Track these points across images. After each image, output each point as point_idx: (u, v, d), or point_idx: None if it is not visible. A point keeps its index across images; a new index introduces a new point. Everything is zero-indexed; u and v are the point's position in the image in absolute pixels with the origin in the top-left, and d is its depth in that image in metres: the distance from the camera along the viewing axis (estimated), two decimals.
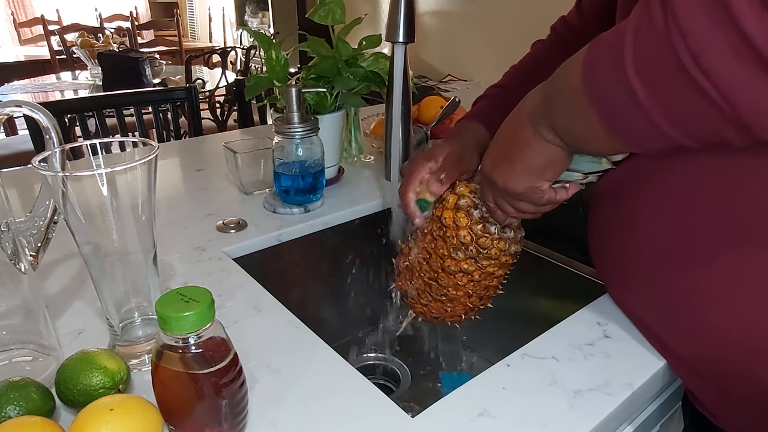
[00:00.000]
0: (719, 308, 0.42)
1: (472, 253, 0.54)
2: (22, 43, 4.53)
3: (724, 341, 0.43)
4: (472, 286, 0.57)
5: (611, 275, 0.55)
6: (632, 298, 0.52)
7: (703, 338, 0.44)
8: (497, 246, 0.54)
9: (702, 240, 0.43)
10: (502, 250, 0.55)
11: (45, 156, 0.43)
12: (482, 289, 0.58)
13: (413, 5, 0.62)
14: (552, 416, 0.43)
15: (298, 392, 0.45)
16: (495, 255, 0.54)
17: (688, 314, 0.45)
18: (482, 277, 0.56)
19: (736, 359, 0.43)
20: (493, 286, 0.59)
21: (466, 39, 2.62)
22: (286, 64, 0.83)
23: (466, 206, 0.55)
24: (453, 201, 0.56)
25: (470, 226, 0.54)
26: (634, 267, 0.50)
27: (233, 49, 3.19)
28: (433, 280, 0.59)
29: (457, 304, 0.59)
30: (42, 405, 0.39)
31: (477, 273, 0.56)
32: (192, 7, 5.41)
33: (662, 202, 0.45)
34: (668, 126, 0.32)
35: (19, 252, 0.44)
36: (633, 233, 0.49)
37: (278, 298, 0.58)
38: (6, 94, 2.41)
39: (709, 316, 0.43)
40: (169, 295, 0.36)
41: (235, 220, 0.75)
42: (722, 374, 0.45)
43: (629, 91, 0.32)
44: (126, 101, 1.44)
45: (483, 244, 0.54)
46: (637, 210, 0.48)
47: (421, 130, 0.97)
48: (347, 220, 0.81)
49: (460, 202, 0.55)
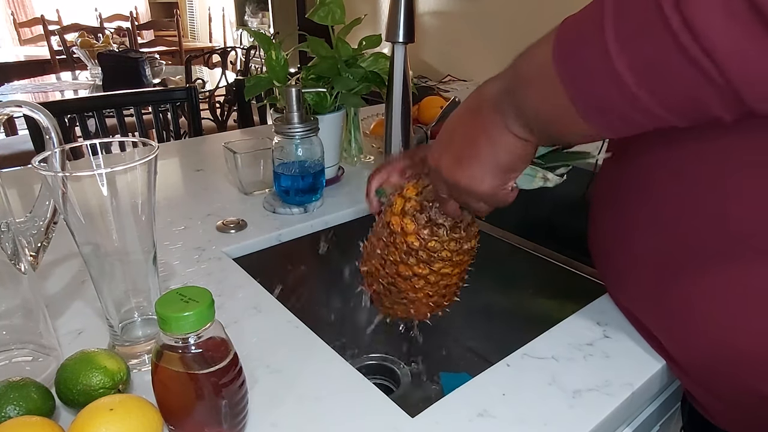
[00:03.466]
0: (715, 315, 0.42)
1: (423, 258, 0.53)
2: (22, 43, 4.53)
3: (720, 348, 0.43)
4: (429, 288, 0.56)
5: (611, 277, 0.55)
6: (631, 300, 0.52)
7: (700, 344, 0.44)
8: (448, 248, 0.53)
9: (698, 247, 0.42)
10: (454, 250, 0.53)
11: (45, 156, 0.43)
12: (441, 288, 0.57)
13: (413, 5, 0.62)
14: (552, 416, 0.43)
15: (298, 392, 0.45)
16: (447, 257, 0.53)
17: (685, 319, 0.45)
18: (438, 278, 0.55)
19: (733, 367, 0.43)
20: (453, 284, 0.58)
21: (466, 39, 2.62)
22: (286, 64, 0.83)
23: (412, 210, 0.53)
24: (399, 205, 0.55)
25: (417, 231, 0.53)
26: (633, 270, 0.50)
27: (233, 49, 3.19)
28: (391, 285, 0.58)
29: (419, 305, 0.58)
30: (42, 405, 0.39)
31: (432, 276, 0.55)
32: (192, 7, 5.41)
33: (661, 207, 0.45)
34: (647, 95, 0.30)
35: (19, 252, 0.44)
36: (632, 236, 0.49)
37: (278, 298, 0.58)
38: (6, 94, 2.41)
39: (706, 323, 0.43)
40: (169, 295, 0.36)
41: (235, 220, 0.75)
42: (718, 380, 0.45)
43: (605, 56, 0.30)
44: (126, 101, 1.44)
45: (433, 248, 0.53)
46: (636, 213, 0.48)
47: (421, 130, 0.97)
48: (347, 220, 0.81)
49: (406, 207, 0.54)
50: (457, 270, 0.56)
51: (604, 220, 0.54)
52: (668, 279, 0.45)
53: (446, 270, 0.54)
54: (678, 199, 0.44)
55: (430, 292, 0.57)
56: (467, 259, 0.56)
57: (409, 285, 0.56)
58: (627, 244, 0.50)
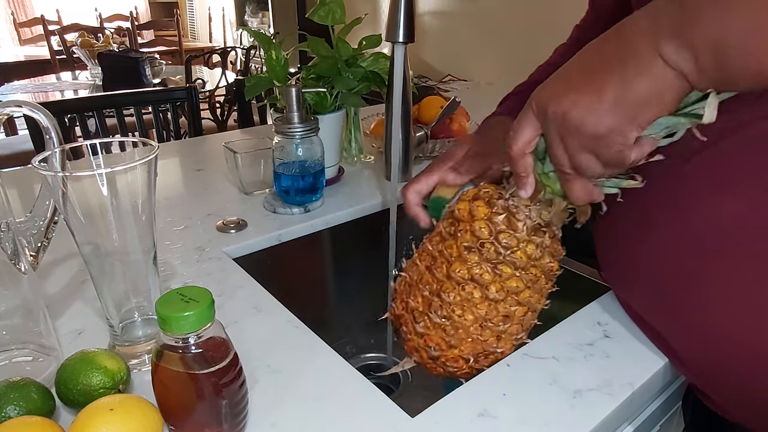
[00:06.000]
0: (723, 316, 0.42)
1: (487, 255, 0.42)
2: (22, 43, 4.53)
3: (728, 347, 0.43)
4: (486, 307, 0.43)
5: (617, 276, 0.54)
6: (637, 299, 0.52)
7: (707, 344, 0.44)
8: (525, 250, 0.41)
9: (706, 249, 0.42)
10: (532, 257, 0.41)
11: (45, 156, 0.43)
12: (500, 316, 0.43)
13: (413, 5, 0.62)
14: (552, 416, 0.43)
15: (298, 392, 0.45)
16: (521, 262, 0.41)
17: (692, 320, 0.45)
18: (501, 294, 0.42)
19: (742, 366, 0.42)
20: (517, 318, 0.43)
21: (466, 39, 2.62)
22: (286, 64, 0.83)
23: (488, 195, 0.43)
24: (472, 193, 0.45)
25: (490, 216, 0.42)
26: (640, 269, 0.49)
27: (233, 49, 3.19)
28: (434, 294, 0.45)
29: (462, 335, 0.44)
30: (42, 405, 0.39)
31: (494, 286, 0.42)
32: (192, 7, 5.41)
33: (670, 207, 0.45)
34: None
35: (19, 252, 0.44)
36: (640, 236, 0.48)
37: (278, 298, 0.58)
38: (6, 94, 2.41)
39: (714, 324, 0.43)
40: (169, 295, 0.36)
41: (235, 220, 0.75)
42: (727, 380, 0.45)
43: None
44: (126, 101, 1.45)
45: (505, 242, 0.41)
46: (645, 212, 0.48)
47: (421, 130, 0.97)
48: (347, 220, 0.81)
49: (481, 192, 0.44)
50: (527, 294, 0.43)
51: (612, 217, 0.53)
52: (682, 280, 0.45)
53: (513, 284, 0.42)
54: (688, 198, 0.43)
55: (483, 316, 0.43)
56: (544, 283, 0.43)
57: (460, 295, 0.43)
58: (634, 241, 0.49)
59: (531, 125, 0.38)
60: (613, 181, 0.38)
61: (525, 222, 0.42)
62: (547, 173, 0.40)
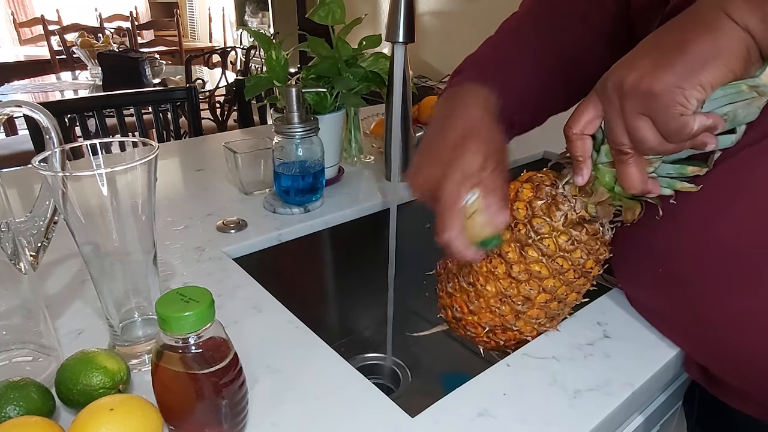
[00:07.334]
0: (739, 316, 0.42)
1: (519, 235, 0.43)
2: (22, 43, 4.53)
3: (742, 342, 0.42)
4: (507, 283, 0.44)
5: (626, 273, 0.53)
6: (651, 298, 0.51)
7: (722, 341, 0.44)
8: (557, 239, 0.42)
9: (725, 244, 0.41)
10: (562, 248, 0.42)
11: (45, 156, 0.43)
12: (520, 298, 0.44)
13: (413, 5, 0.62)
14: (552, 416, 0.43)
15: (298, 392, 0.45)
16: (549, 250, 0.42)
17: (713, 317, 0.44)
18: (524, 276, 0.43)
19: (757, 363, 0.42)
20: (539, 302, 0.45)
21: (466, 39, 2.62)
22: (286, 64, 0.83)
23: (540, 180, 0.44)
24: (528, 175, 0.46)
25: (531, 200, 0.43)
26: (652, 267, 0.48)
27: (233, 49, 3.20)
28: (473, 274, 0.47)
29: (482, 304, 0.47)
30: (42, 405, 0.39)
31: (518, 266, 0.43)
32: (192, 7, 5.41)
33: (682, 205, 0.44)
34: None
35: (19, 252, 0.44)
36: (652, 233, 0.47)
37: (278, 298, 0.58)
38: (6, 94, 2.41)
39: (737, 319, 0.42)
40: (169, 295, 0.36)
41: (235, 220, 0.75)
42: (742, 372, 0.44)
43: None
44: (126, 101, 1.45)
45: (538, 227, 0.42)
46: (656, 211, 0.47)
47: (421, 130, 0.97)
48: (347, 220, 0.81)
49: (536, 176, 0.45)
50: (552, 282, 0.44)
51: None
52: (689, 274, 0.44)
53: (537, 268, 0.43)
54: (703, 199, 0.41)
55: (503, 291, 0.45)
56: (574, 277, 0.44)
57: (486, 267, 0.44)
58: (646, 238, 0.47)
59: (592, 104, 0.38)
60: (668, 181, 0.38)
61: (566, 213, 0.42)
62: (599, 165, 0.41)
